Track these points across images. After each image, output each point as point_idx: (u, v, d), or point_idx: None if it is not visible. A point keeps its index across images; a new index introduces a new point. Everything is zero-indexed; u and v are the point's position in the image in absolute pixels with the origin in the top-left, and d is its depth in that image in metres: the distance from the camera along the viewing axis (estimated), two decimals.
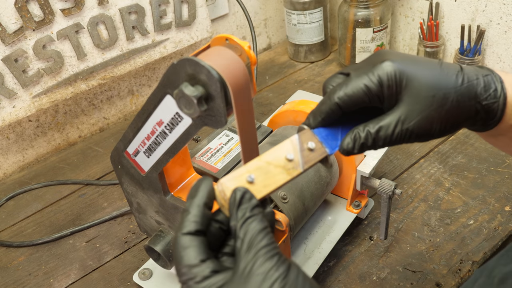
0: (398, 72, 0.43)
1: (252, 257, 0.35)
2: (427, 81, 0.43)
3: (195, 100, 0.42)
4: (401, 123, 0.43)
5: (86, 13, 0.92)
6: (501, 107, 0.44)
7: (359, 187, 0.72)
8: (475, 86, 0.44)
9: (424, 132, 0.44)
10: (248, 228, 0.37)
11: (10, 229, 0.88)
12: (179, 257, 0.37)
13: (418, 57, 0.46)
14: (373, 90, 0.43)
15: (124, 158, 0.60)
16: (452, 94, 0.43)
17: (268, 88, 1.21)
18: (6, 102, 0.90)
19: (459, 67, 0.45)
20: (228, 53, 0.43)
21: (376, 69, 0.44)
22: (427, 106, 0.43)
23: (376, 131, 0.44)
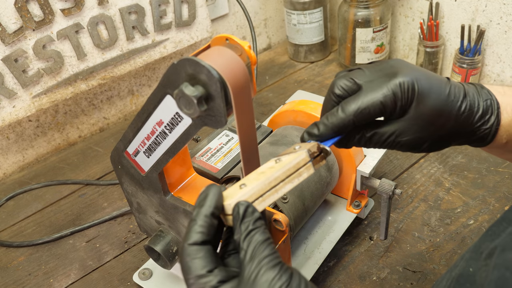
0: (412, 89, 0.44)
1: (256, 267, 0.37)
2: (433, 105, 0.44)
3: (195, 100, 0.42)
4: (395, 135, 0.45)
5: (86, 13, 0.92)
6: (493, 133, 0.47)
7: (359, 187, 0.72)
8: (474, 114, 0.46)
9: (413, 148, 0.47)
10: (251, 240, 0.38)
11: (10, 229, 0.88)
12: (187, 267, 0.38)
13: (428, 72, 0.47)
14: (388, 106, 0.44)
15: (124, 158, 0.60)
16: (451, 122, 0.45)
17: (268, 88, 1.21)
18: (6, 102, 0.90)
19: (464, 91, 0.46)
20: (228, 53, 0.43)
21: (391, 84, 0.44)
22: (424, 128, 0.45)
23: (371, 136, 0.46)
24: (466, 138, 0.47)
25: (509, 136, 0.48)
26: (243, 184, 0.41)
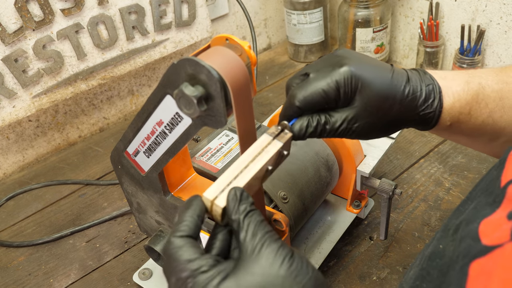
0: (355, 77, 0.47)
1: (259, 240, 0.38)
2: (377, 90, 0.48)
3: (195, 100, 0.42)
4: (346, 122, 0.49)
5: (86, 13, 0.92)
6: (436, 116, 0.50)
7: (359, 187, 0.72)
8: (417, 98, 0.49)
9: (365, 134, 0.50)
10: (251, 219, 0.39)
11: (10, 229, 0.88)
12: (176, 256, 0.38)
13: (373, 61, 0.50)
14: (330, 94, 0.48)
15: (124, 158, 0.60)
16: (397, 105, 0.48)
17: (268, 88, 1.21)
18: (6, 102, 0.90)
19: (407, 77, 0.49)
20: (228, 53, 0.43)
21: (334, 74, 0.48)
22: (373, 113, 0.48)
23: (324, 123, 0.49)
24: (412, 121, 0.51)
25: (452, 118, 0.51)
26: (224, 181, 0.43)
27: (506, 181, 0.36)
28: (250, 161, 0.44)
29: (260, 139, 0.46)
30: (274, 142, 0.46)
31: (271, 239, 0.38)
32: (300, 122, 0.49)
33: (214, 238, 0.41)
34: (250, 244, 0.38)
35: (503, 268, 0.29)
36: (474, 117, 0.51)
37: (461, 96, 0.50)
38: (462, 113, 0.51)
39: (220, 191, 0.41)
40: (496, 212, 0.35)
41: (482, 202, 0.38)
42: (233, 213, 0.39)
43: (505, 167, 0.37)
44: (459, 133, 0.53)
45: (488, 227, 0.34)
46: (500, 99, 0.51)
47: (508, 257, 0.30)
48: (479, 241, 0.33)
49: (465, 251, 0.34)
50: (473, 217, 0.37)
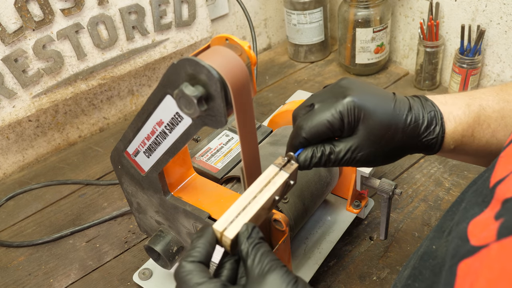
0: (358, 108, 0.49)
1: (266, 265, 0.39)
2: (380, 120, 0.49)
3: (195, 100, 0.42)
4: (350, 152, 0.50)
5: (86, 13, 0.92)
6: (439, 142, 0.51)
7: (359, 187, 0.72)
8: (420, 125, 0.50)
9: (368, 162, 0.51)
10: (259, 249, 0.41)
11: (10, 229, 0.88)
12: (186, 279, 0.40)
13: (376, 90, 0.52)
14: (335, 125, 0.49)
15: (124, 158, 0.60)
16: (400, 134, 0.50)
17: (268, 88, 1.21)
18: (6, 102, 0.90)
19: (409, 105, 0.51)
20: (228, 53, 0.43)
21: (338, 105, 0.49)
22: (376, 142, 0.50)
23: (328, 154, 0.50)
24: (415, 148, 0.52)
25: (455, 142, 0.52)
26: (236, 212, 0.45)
27: (495, 181, 0.36)
28: (258, 192, 0.46)
29: (268, 170, 0.48)
30: (281, 173, 0.48)
31: (277, 265, 0.39)
32: (305, 153, 0.51)
33: (222, 266, 0.43)
34: (257, 269, 0.39)
35: (488, 268, 0.30)
36: (478, 139, 0.52)
37: (462, 120, 0.51)
38: (465, 136, 0.51)
39: (229, 223, 0.43)
40: (484, 212, 0.35)
41: (472, 202, 0.38)
42: (243, 243, 0.42)
43: (495, 168, 0.38)
44: (464, 154, 0.54)
45: (476, 227, 0.34)
46: (502, 118, 0.52)
47: (493, 257, 0.30)
48: (468, 241, 0.34)
49: (454, 251, 0.35)
50: (463, 217, 0.37)
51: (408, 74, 1.20)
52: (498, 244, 0.31)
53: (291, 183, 0.49)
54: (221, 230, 0.42)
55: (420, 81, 1.12)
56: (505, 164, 0.37)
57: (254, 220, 0.45)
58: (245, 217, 0.44)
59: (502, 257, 0.29)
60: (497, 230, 0.31)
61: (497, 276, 0.29)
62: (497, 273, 0.29)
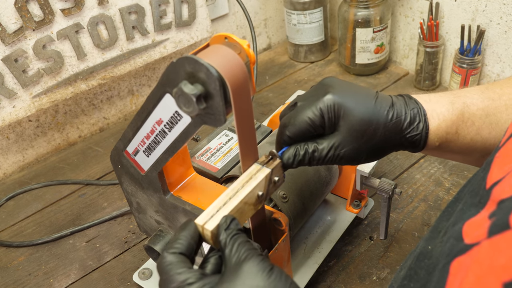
0: (337, 104, 0.50)
1: (242, 254, 0.40)
2: (361, 116, 0.50)
3: (194, 98, 0.42)
4: (333, 149, 0.51)
5: (86, 13, 0.92)
6: (423, 138, 0.51)
7: (359, 186, 0.72)
8: (402, 121, 0.51)
9: (352, 159, 0.52)
10: (236, 239, 0.42)
11: (10, 229, 0.88)
12: (167, 269, 0.41)
13: (357, 88, 0.53)
14: (316, 121, 0.50)
15: (123, 158, 0.60)
16: (381, 129, 0.50)
17: (268, 88, 1.21)
18: (6, 102, 0.90)
19: (391, 102, 0.51)
20: (227, 51, 0.43)
21: (318, 102, 0.50)
22: (358, 138, 0.50)
23: (312, 151, 0.51)
24: (399, 144, 0.52)
25: (440, 139, 0.52)
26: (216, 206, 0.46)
27: (492, 183, 0.37)
28: (240, 188, 0.47)
29: (250, 167, 0.49)
30: (263, 169, 0.49)
31: (253, 253, 0.40)
32: (288, 151, 0.52)
33: (206, 261, 0.44)
34: (234, 257, 0.41)
35: (478, 264, 0.30)
36: (462, 136, 0.52)
37: (446, 117, 0.52)
38: (449, 133, 0.52)
39: (210, 217, 0.44)
40: (480, 213, 0.35)
41: (468, 203, 0.38)
42: (221, 234, 0.43)
43: (491, 169, 0.38)
44: (450, 152, 0.55)
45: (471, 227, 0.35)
46: (487, 116, 0.52)
47: (483, 253, 0.31)
48: (462, 240, 0.34)
49: (448, 251, 0.35)
50: (459, 218, 0.38)
51: (408, 74, 1.20)
52: (489, 241, 0.31)
53: (275, 179, 0.50)
54: (202, 224, 0.44)
55: (420, 81, 1.12)
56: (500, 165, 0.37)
57: (237, 215, 0.46)
58: (225, 210, 0.45)
59: (491, 254, 0.30)
60: (488, 228, 0.32)
61: (485, 272, 0.29)
62: (486, 269, 0.29)
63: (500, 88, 0.53)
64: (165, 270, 0.41)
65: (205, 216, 0.45)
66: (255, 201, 0.48)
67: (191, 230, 0.44)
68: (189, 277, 0.40)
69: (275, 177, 0.50)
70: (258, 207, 0.49)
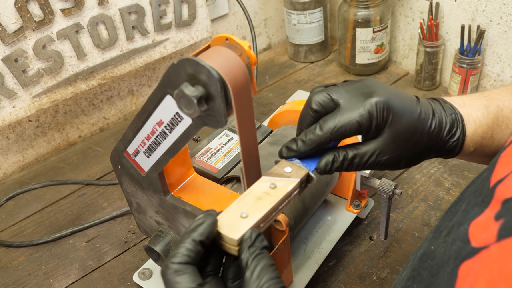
0: (387, 108, 0.47)
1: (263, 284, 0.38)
2: (407, 124, 0.48)
3: (195, 100, 0.42)
4: (375, 155, 0.48)
5: (86, 13, 0.92)
6: (459, 145, 0.50)
7: (359, 187, 0.72)
8: (443, 129, 0.49)
9: (392, 166, 0.50)
10: (259, 261, 0.39)
11: (10, 229, 0.88)
12: (173, 282, 0.38)
13: (400, 93, 0.50)
14: (364, 125, 0.47)
15: (124, 158, 0.60)
16: (425, 139, 0.49)
17: (268, 88, 1.21)
18: (6, 102, 0.90)
19: (432, 109, 0.50)
20: (228, 53, 0.43)
21: (367, 104, 0.47)
22: (401, 146, 0.48)
23: (352, 158, 0.48)
24: (437, 152, 0.51)
25: (475, 144, 0.51)
26: (243, 213, 0.43)
27: (495, 181, 0.36)
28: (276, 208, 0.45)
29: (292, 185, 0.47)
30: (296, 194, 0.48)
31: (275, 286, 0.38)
32: (326, 157, 0.49)
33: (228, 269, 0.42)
34: (254, 284, 0.38)
35: (488, 269, 0.30)
36: (497, 140, 0.51)
37: (482, 122, 0.50)
38: (484, 138, 0.51)
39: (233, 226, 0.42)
40: (485, 213, 0.35)
41: (472, 202, 0.38)
42: (243, 252, 0.40)
43: (495, 168, 0.38)
44: (483, 156, 0.53)
45: (477, 229, 0.34)
46: None
47: (493, 258, 0.30)
48: (469, 243, 0.34)
49: (455, 253, 0.35)
50: (464, 218, 0.37)
51: (408, 74, 1.20)
52: (498, 245, 0.30)
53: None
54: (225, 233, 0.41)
55: (420, 81, 1.12)
56: (505, 164, 0.37)
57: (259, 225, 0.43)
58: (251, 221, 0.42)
59: (501, 258, 0.29)
60: (497, 232, 0.31)
61: (496, 277, 0.29)
62: (497, 274, 0.29)
63: None
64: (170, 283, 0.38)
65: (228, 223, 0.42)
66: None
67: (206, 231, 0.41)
68: None
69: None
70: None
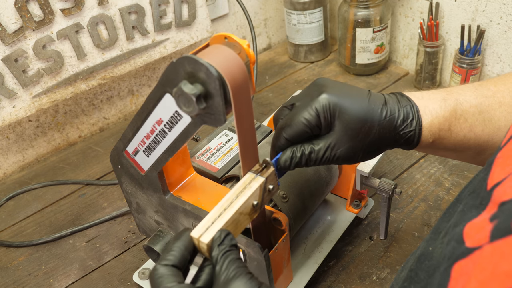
0: (333, 104, 0.51)
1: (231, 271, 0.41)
2: (356, 115, 0.50)
3: (194, 98, 0.42)
4: (330, 149, 0.51)
5: (86, 13, 0.92)
6: (417, 135, 0.52)
7: (359, 186, 0.72)
8: (396, 118, 0.51)
9: (349, 158, 0.52)
10: (227, 256, 0.42)
11: (10, 229, 0.88)
12: (158, 282, 0.41)
13: (350, 87, 0.53)
14: (312, 121, 0.51)
15: (123, 158, 0.60)
16: (376, 127, 0.51)
17: (268, 88, 1.21)
18: (6, 102, 0.90)
19: (383, 100, 0.52)
20: (227, 51, 0.43)
21: (313, 102, 0.51)
22: (353, 137, 0.51)
23: (309, 153, 0.51)
24: (394, 142, 0.53)
25: (433, 135, 0.53)
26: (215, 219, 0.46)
27: (493, 184, 0.36)
28: (234, 198, 0.47)
29: (245, 177, 0.49)
30: (257, 178, 0.49)
31: (241, 272, 0.41)
32: (285, 154, 0.52)
33: (201, 270, 0.44)
34: (223, 275, 0.41)
35: (480, 269, 0.30)
36: (455, 133, 0.53)
37: (438, 113, 0.52)
38: (442, 130, 0.52)
39: (205, 229, 0.44)
40: (481, 215, 0.35)
41: (469, 204, 0.38)
42: (213, 250, 0.43)
43: (492, 170, 0.38)
44: (443, 149, 0.55)
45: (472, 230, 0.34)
46: (480, 113, 0.52)
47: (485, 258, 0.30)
48: (463, 243, 0.34)
49: (449, 253, 0.35)
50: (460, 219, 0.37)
51: (408, 74, 1.20)
52: (491, 246, 0.30)
53: (270, 188, 0.50)
54: (197, 237, 0.44)
55: (420, 81, 1.12)
56: (502, 166, 0.37)
57: (232, 226, 0.46)
58: (220, 222, 0.45)
59: (493, 259, 0.29)
60: (491, 232, 0.31)
61: (488, 278, 0.29)
62: (489, 275, 0.29)
63: (494, 86, 0.54)
64: (156, 283, 0.41)
65: (200, 229, 0.45)
66: (250, 211, 0.48)
67: (185, 241, 0.44)
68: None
69: (269, 185, 0.50)
70: (253, 216, 0.49)
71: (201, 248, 0.44)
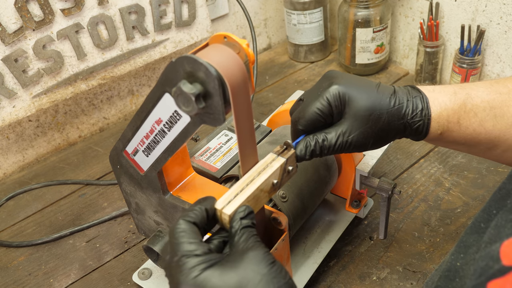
0: (342, 93, 0.53)
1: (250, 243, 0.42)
2: (365, 103, 0.53)
3: (193, 97, 0.42)
4: (342, 135, 0.53)
5: (86, 13, 0.92)
6: (426, 124, 0.53)
7: (359, 186, 0.72)
8: (404, 107, 0.53)
9: (361, 144, 0.54)
10: (247, 230, 0.44)
11: (10, 229, 0.88)
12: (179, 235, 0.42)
13: (360, 79, 0.56)
14: (324, 111, 0.53)
15: (123, 158, 0.60)
16: (385, 115, 0.53)
17: (268, 88, 1.21)
18: (6, 102, 0.90)
19: (393, 89, 0.54)
20: (226, 50, 0.43)
21: (325, 92, 0.53)
22: (363, 123, 0.53)
23: (322, 141, 0.53)
24: (403, 130, 0.54)
25: (442, 127, 0.54)
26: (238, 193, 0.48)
27: None
28: (256, 175, 0.50)
29: (266, 157, 0.52)
30: (278, 158, 0.52)
31: (259, 245, 0.42)
32: (300, 145, 0.54)
33: (216, 235, 0.46)
34: (242, 245, 0.43)
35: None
36: (464, 126, 0.54)
37: (447, 105, 0.53)
38: (450, 122, 0.53)
39: (228, 202, 0.47)
40: None
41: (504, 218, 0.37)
42: (235, 222, 0.45)
43: None
44: (453, 142, 0.56)
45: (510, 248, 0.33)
46: (491, 108, 0.53)
47: None
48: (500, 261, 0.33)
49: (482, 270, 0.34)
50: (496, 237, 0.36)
51: (408, 74, 1.20)
52: None
53: (289, 169, 0.52)
54: (220, 208, 0.46)
55: (420, 81, 1.12)
56: None
57: (253, 201, 0.48)
58: (243, 196, 0.47)
59: None
60: None
61: None
62: None
63: (511, 83, 0.54)
64: (176, 236, 0.42)
65: (223, 201, 0.47)
66: (269, 189, 0.50)
67: (209, 205, 0.46)
68: (197, 249, 0.41)
69: (289, 166, 0.52)
70: (272, 195, 0.51)
71: (222, 219, 0.46)
